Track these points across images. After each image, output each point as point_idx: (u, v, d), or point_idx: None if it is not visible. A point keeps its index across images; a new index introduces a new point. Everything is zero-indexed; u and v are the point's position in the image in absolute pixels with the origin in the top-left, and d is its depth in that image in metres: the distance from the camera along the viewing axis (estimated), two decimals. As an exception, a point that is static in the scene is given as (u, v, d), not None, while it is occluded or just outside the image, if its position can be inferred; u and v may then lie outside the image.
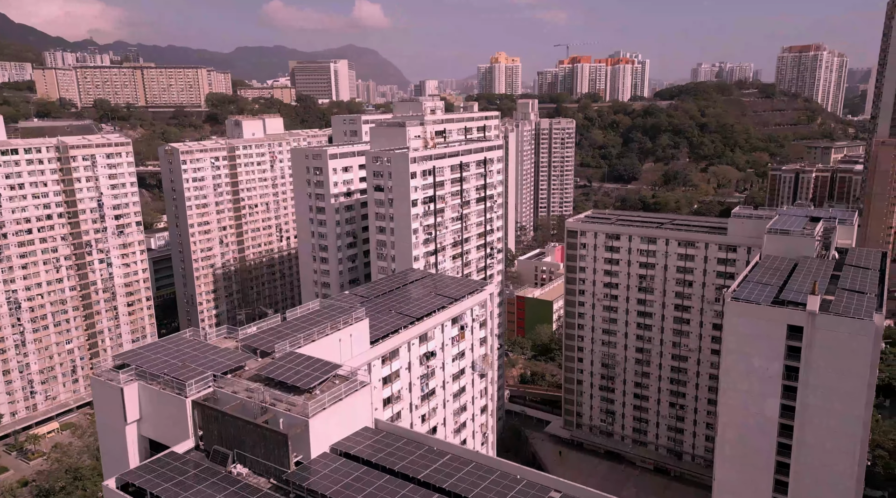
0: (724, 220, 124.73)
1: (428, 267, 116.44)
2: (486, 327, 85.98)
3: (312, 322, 62.04)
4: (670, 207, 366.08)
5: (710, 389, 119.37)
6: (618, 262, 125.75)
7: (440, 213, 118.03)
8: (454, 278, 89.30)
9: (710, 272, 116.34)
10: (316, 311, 65.11)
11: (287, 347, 55.75)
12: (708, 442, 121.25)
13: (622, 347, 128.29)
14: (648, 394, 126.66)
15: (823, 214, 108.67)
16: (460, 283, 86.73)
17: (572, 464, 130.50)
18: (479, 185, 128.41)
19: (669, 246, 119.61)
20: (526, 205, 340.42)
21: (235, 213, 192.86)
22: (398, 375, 70.57)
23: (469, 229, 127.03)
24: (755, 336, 75.97)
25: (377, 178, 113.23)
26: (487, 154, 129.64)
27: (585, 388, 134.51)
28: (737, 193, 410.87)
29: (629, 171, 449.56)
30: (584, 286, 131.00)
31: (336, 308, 65.21)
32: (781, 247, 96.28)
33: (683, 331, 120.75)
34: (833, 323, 70.84)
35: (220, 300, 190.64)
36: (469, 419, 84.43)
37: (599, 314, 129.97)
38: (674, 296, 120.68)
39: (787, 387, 74.77)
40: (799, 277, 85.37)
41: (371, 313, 74.02)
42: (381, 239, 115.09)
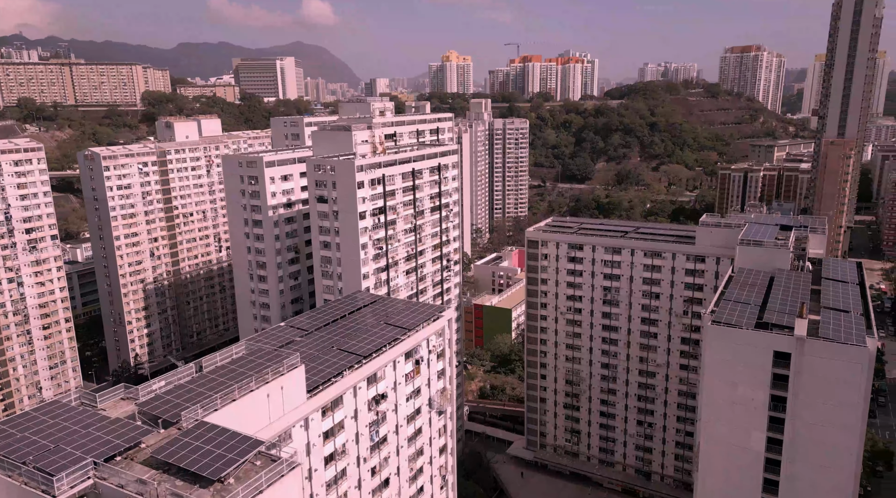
0: (692, 228, 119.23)
1: (379, 284, 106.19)
2: (444, 358, 76.56)
3: (234, 375, 51.14)
4: (624, 207, 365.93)
5: (679, 406, 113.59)
6: (581, 273, 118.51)
7: (391, 225, 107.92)
8: (408, 304, 79.54)
9: (677, 284, 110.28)
10: (240, 358, 54.17)
11: (199, 413, 44.84)
12: (678, 462, 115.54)
13: (587, 362, 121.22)
14: (615, 412, 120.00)
15: (793, 222, 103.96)
16: (414, 309, 77.02)
17: (537, 488, 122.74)
18: (433, 193, 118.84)
19: (635, 257, 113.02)
20: (481, 207, 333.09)
21: (168, 223, 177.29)
22: (342, 426, 60.34)
23: (423, 241, 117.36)
24: (738, 363, 69.23)
25: (320, 188, 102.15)
26: (442, 160, 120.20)
27: (549, 406, 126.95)
28: (687, 192, 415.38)
29: (582, 170, 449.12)
30: (545, 299, 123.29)
31: (264, 355, 54.43)
32: (755, 259, 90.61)
33: (651, 345, 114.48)
34: (824, 349, 64.58)
35: (153, 318, 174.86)
36: (426, 463, 74.87)
37: (563, 329, 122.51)
38: (640, 309, 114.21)
39: (773, 418, 68.29)
40: (779, 293, 79.47)
41: (310, 352, 63.54)
42: (326, 255, 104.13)
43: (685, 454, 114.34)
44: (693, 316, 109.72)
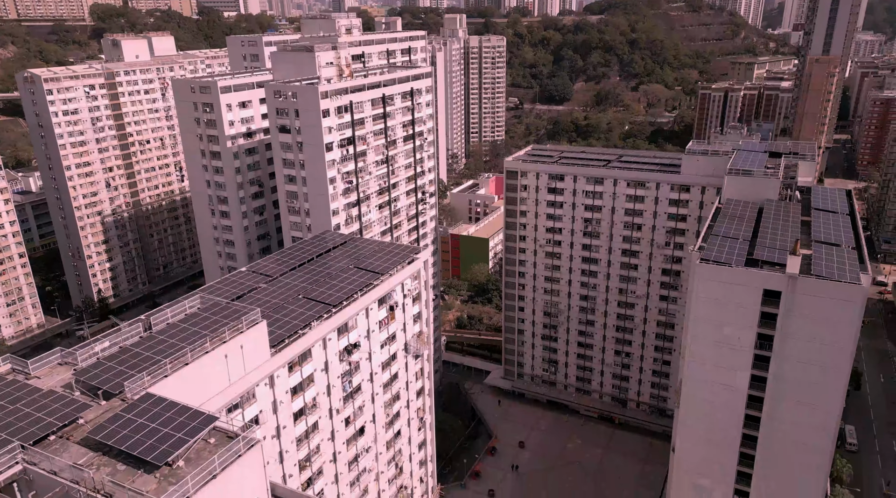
0: (676, 155, 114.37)
1: (350, 220, 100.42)
2: (420, 301, 72.56)
3: (187, 335, 46.25)
4: (602, 129, 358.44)
5: (658, 336, 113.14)
6: (561, 205, 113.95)
7: (361, 156, 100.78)
8: (381, 244, 74.36)
9: (660, 214, 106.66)
10: (193, 315, 49.11)
11: (145, 382, 40.25)
12: (654, 389, 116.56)
13: (565, 294, 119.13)
14: (593, 342, 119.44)
15: (783, 149, 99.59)
16: (388, 251, 71.99)
17: (514, 416, 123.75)
18: (406, 120, 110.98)
19: (618, 187, 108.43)
20: (456, 131, 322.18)
21: (123, 152, 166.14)
22: (312, 380, 56.61)
23: (397, 173, 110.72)
24: (726, 302, 66.56)
25: (282, 117, 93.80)
26: (415, 84, 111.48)
27: (527, 337, 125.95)
28: (666, 113, 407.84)
29: (561, 91, 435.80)
30: (524, 232, 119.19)
31: (221, 310, 49.41)
32: (743, 189, 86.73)
33: (630, 277, 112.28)
34: (816, 288, 61.92)
35: (115, 252, 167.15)
36: (403, 407, 72.53)
37: (541, 261, 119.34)
38: (621, 240, 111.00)
39: (759, 357, 66.60)
40: (768, 226, 76.18)
41: (275, 301, 58.75)
42: (292, 190, 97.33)
43: (661, 382, 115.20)
44: (675, 247, 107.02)
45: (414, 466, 75.94)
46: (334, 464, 60.31)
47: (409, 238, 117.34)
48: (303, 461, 56.37)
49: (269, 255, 71.25)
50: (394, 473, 71.60)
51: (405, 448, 73.43)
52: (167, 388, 41.18)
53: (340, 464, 61.24)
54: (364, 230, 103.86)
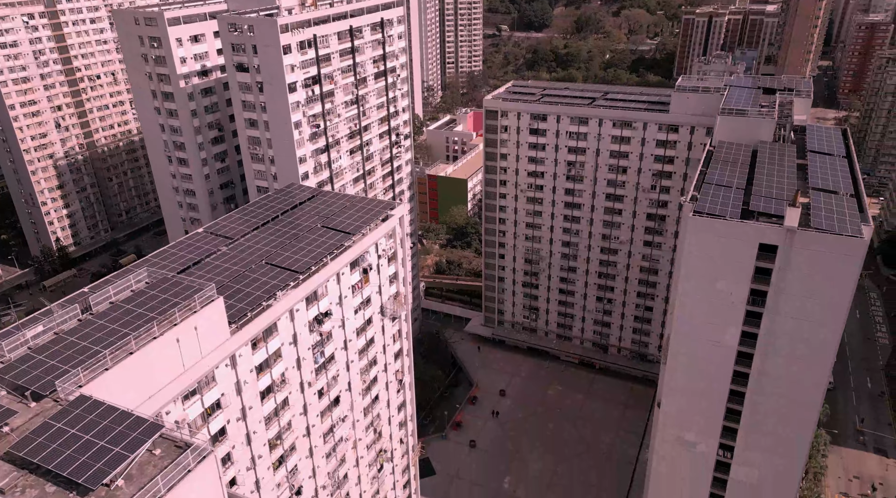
0: (665, 92, 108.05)
1: (319, 167, 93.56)
2: (396, 261, 67.70)
3: (132, 318, 41.09)
4: (583, 58, 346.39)
5: (640, 282, 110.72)
6: (544, 147, 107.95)
7: (329, 97, 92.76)
8: (352, 200, 68.38)
9: (647, 156, 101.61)
10: (140, 294, 43.72)
11: (81, 378, 35.41)
12: (635, 335, 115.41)
13: (547, 241, 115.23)
14: (574, 289, 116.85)
15: (777, 84, 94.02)
16: (360, 207, 66.23)
17: (495, 363, 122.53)
18: (376, 55, 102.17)
19: (603, 127, 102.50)
20: (432, 61, 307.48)
21: (72, 88, 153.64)
22: (279, 355, 52.21)
23: (368, 114, 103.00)
24: (719, 257, 62.91)
25: (238, 53, 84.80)
26: (385, 14, 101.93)
27: (507, 284, 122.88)
28: (648, 40, 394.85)
29: (540, 17, 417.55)
30: (505, 176, 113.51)
31: (171, 286, 44.03)
32: (736, 130, 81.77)
33: (614, 222, 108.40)
34: (815, 241, 58.35)
35: (71, 197, 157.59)
36: (381, 371, 69.10)
37: (522, 207, 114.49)
38: (605, 184, 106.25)
39: (750, 313, 63.82)
40: (763, 172, 71.89)
41: (236, 269, 53.47)
42: (254, 135, 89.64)
43: (643, 328, 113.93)
44: (661, 191, 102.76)
45: (394, 428, 73.52)
46: (308, 438, 57.08)
47: (384, 184, 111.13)
48: (273, 440, 52.86)
49: (229, 213, 65.06)
50: (372, 438, 69.04)
51: (384, 412, 70.64)
52: (108, 382, 36.42)
53: (315, 437, 58.05)
54: (335, 178, 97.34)
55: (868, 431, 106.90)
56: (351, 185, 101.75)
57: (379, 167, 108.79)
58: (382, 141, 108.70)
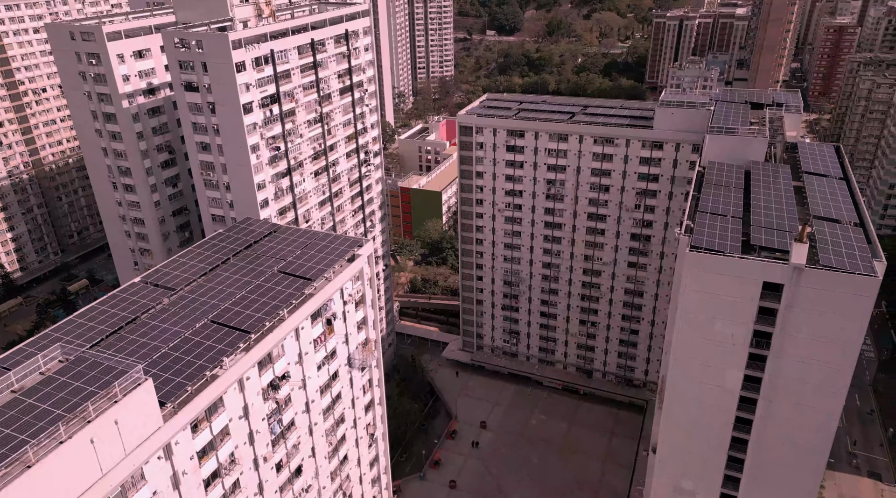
0: (647, 105, 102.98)
1: (280, 193, 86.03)
2: (364, 304, 60.82)
3: (35, 415, 33.53)
4: (555, 62, 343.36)
5: (626, 304, 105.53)
6: (522, 164, 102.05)
7: (290, 116, 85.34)
8: (313, 237, 61.29)
9: (630, 175, 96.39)
10: (47, 380, 36.13)
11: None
12: (621, 359, 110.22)
13: (527, 262, 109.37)
14: (556, 312, 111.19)
15: (765, 98, 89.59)
16: (323, 245, 59.20)
17: (475, 392, 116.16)
18: (341, 70, 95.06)
19: (583, 144, 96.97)
20: (403, 66, 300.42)
21: (14, 103, 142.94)
22: (227, 432, 44.92)
23: (334, 133, 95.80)
24: (719, 295, 57.54)
25: (186, 72, 76.91)
26: (350, 25, 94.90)
27: (486, 308, 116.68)
28: (620, 43, 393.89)
29: (511, 20, 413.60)
30: (481, 195, 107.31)
31: (87, 368, 36.54)
32: (727, 149, 76.86)
33: (597, 243, 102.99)
34: (825, 281, 53.24)
35: (16, 220, 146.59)
36: (349, 428, 62.09)
37: (501, 227, 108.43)
38: (587, 203, 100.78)
39: (754, 355, 58.56)
40: (760, 197, 66.99)
41: (175, 330, 46.07)
42: (207, 160, 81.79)
43: (628, 351, 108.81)
44: (646, 210, 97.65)
45: (366, 486, 66.58)
46: (265, 520, 49.86)
47: (353, 206, 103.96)
48: (222, 532, 45.56)
49: (173, 257, 57.42)
50: (342, 503, 62.08)
51: (354, 472, 63.68)
52: (-1, 511, 28.97)
53: (273, 517, 50.88)
54: (298, 202, 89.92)
55: (861, 453, 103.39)
56: (317, 208, 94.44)
57: (347, 188, 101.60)
58: (350, 160, 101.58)
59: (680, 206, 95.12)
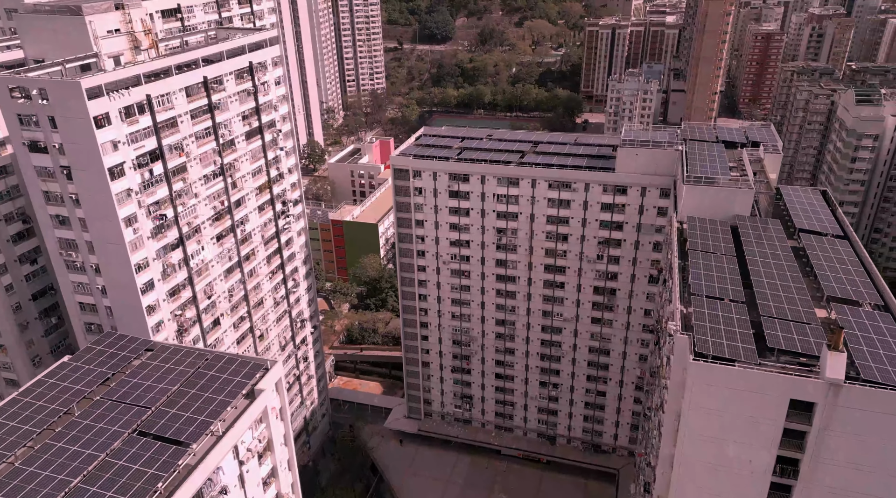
0: (604, 140, 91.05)
1: (170, 269, 68.58)
2: (272, 451, 44.95)
3: None
4: (489, 72, 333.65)
5: (590, 363, 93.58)
6: (468, 212, 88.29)
7: (179, 174, 68.15)
8: (198, 360, 44.98)
9: (591, 223, 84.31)
10: None
11: None
12: (587, 423, 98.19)
13: (478, 319, 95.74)
14: (514, 373, 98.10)
15: (737, 136, 79.35)
16: (213, 375, 42.97)
17: (425, 468, 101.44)
18: (247, 110, 78.43)
19: (537, 189, 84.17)
20: (330, 80, 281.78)
21: None
22: None
23: (241, 185, 78.98)
24: (734, 415, 45.40)
25: (30, 128, 58.64)
26: (255, 56, 78.43)
27: (433, 370, 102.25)
28: (553, 51, 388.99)
29: (442, 28, 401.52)
30: (423, 246, 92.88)
31: None
32: (707, 202, 65.75)
33: (556, 297, 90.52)
34: (872, 400, 41.79)
35: None
36: None
37: (446, 281, 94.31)
38: (543, 254, 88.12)
39: (777, 485, 46.74)
40: (758, 268, 56.17)
41: None
42: (67, 237, 63.54)
43: (595, 415, 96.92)
44: (610, 261, 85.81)
45: None
46: None
47: (269, 267, 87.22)
48: None
49: None
50: None
51: None
52: None
53: None
54: (196, 277, 72.61)
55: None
56: (222, 279, 77.32)
57: (261, 248, 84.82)
58: (264, 214, 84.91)
59: (648, 257, 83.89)
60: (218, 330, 77.55)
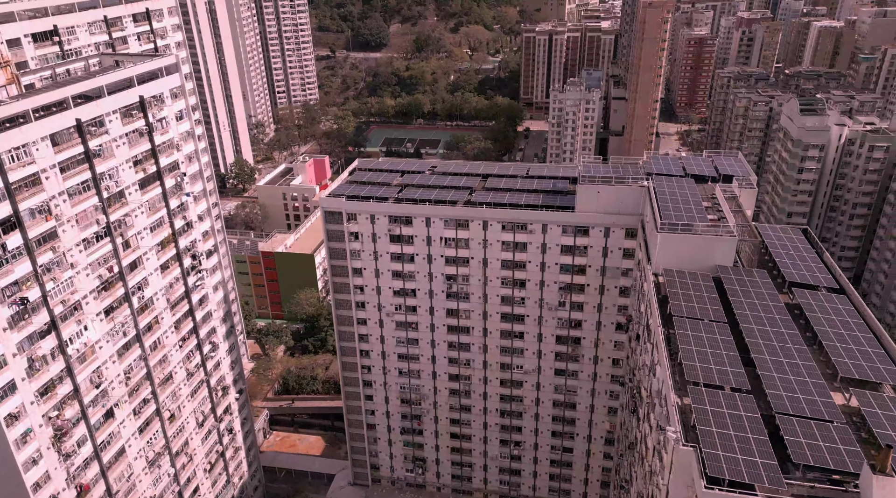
0: (560, 171, 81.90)
1: (39, 363, 54.47)
2: None
3: None
4: (427, 80, 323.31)
5: (555, 418, 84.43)
6: (412, 258, 77.39)
7: (48, 242, 54.22)
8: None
9: (550, 266, 75.04)
10: None
11: None
12: (553, 481, 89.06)
13: (429, 375, 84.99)
14: (471, 432, 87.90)
15: (706, 167, 71.74)
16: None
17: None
18: (140, 153, 64.81)
19: (489, 231, 74.21)
20: (259, 92, 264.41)
21: None
22: None
23: (136, 244, 65.22)
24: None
25: None
26: (147, 89, 64.88)
27: (381, 432, 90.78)
28: (491, 58, 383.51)
29: (376, 35, 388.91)
30: (363, 296, 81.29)
31: None
32: (685, 252, 57.39)
33: (516, 348, 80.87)
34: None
35: None
36: None
37: (391, 334, 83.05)
38: (499, 302, 78.26)
39: None
40: (756, 339, 47.86)
41: None
42: None
43: (562, 473, 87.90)
44: (573, 307, 76.81)
45: None
46: None
47: (179, 335, 73.58)
48: None
49: None
50: None
51: None
52: None
53: None
54: (76, 366, 58.62)
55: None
56: (114, 361, 63.45)
57: (166, 314, 71.09)
58: (169, 273, 71.27)
59: (614, 302, 75.34)
60: (111, 423, 63.56)
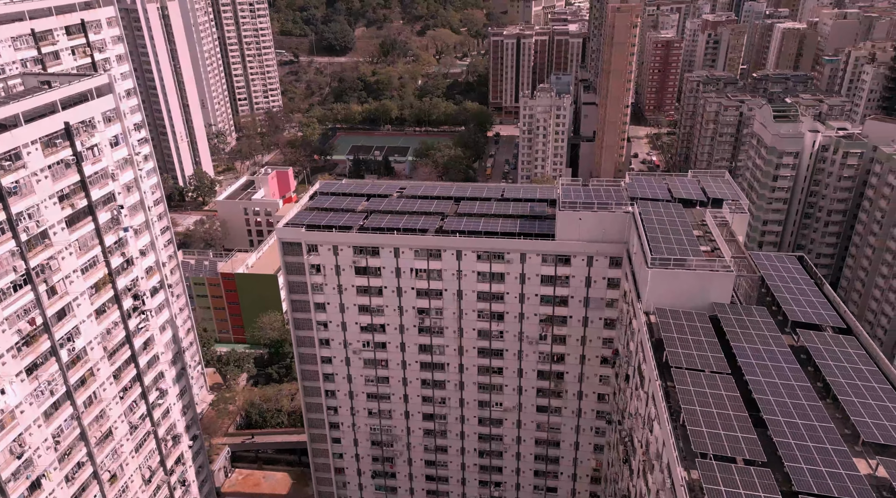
0: (537, 193, 76.38)
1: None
2: None
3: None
4: (395, 85, 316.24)
5: (538, 457, 78.93)
6: (380, 291, 70.96)
7: (-52, 299, 46.29)
8: None
9: (530, 298, 69.52)
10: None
11: None
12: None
13: (401, 415, 78.62)
14: (448, 474, 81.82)
15: (693, 190, 67.10)
16: None
17: None
18: (67, 187, 57.01)
19: (464, 261, 68.29)
20: (219, 100, 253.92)
21: None
22: None
23: (63, 289, 57.38)
24: None
25: None
26: (74, 113, 57.15)
27: (350, 475, 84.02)
28: (458, 61, 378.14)
29: (341, 39, 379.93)
30: (326, 333, 74.52)
31: None
32: (679, 289, 52.41)
33: (494, 384, 75.12)
34: None
35: None
36: None
37: (359, 373, 76.47)
38: (476, 336, 72.42)
39: None
40: (765, 394, 43.06)
41: None
42: None
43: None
44: (555, 341, 71.42)
45: None
46: None
47: (119, 386, 65.76)
48: None
49: None
50: None
51: None
52: None
53: None
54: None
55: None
56: (40, 425, 55.52)
57: (103, 364, 63.24)
58: (105, 318, 63.43)
59: (599, 335, 70.20)
60: (38, 496, 55.64)
